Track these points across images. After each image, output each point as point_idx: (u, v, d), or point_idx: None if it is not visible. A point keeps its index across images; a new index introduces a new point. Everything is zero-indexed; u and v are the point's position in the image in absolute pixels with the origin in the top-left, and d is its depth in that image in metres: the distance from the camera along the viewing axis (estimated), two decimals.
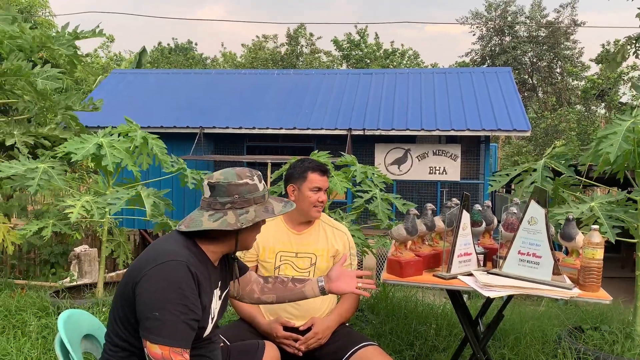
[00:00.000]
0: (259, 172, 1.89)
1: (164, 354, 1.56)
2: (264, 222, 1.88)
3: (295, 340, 2.35)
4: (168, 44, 31.20)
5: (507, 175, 3.78)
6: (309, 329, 2.46)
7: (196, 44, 32.10)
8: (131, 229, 10.43)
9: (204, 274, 1.74)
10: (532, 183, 3.45)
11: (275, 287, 2.10)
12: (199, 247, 1.79)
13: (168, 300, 1.60)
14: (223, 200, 1.78)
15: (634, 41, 5.20)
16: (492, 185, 3.86)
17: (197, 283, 1.68)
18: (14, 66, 4.48)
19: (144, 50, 18.10)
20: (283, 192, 2.69)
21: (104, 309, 3.76)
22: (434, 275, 2.44)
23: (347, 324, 2.64)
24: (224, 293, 1.97)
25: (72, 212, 3.73)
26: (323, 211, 3.04)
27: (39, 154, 4.36)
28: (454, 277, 2.38)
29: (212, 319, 1.85)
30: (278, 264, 2.51)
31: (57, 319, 1.80)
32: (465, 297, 4.82)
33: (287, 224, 2.58)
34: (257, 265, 2.56)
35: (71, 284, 4.85)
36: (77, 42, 5.07)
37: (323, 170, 2.54)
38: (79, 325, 1.89)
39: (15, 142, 4.85)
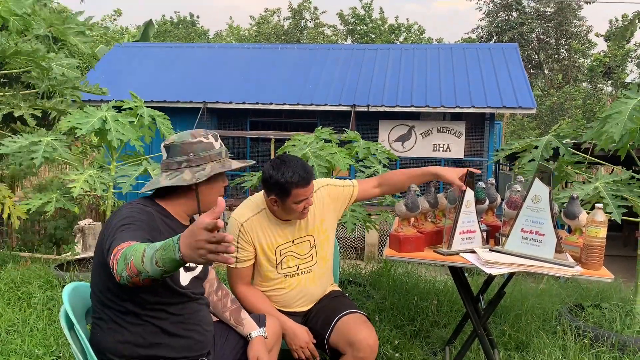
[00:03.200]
0: (216, 133, 1.94)
1: (113, 255, 1.50)
2: (224, 181, 1.91)
3: None
4: (171, 17, 30.91)
5: (510, 149, 3.76)
6: (310, 314, 2.47)
7: (198, 17, 31.77)
8: None
9: (166, 223, 1.81)
10: (530, 161, 3.43)
11: (215, 304, 2.14)
12: (159, 205, 1.86)
13: (117, 224, 1.66)
14: (179, 160, 1.84)
15: None
16: (494, 158, 3.86)
17: (152, 221, 1.75)
18: (31, 49, 4.43)
19: (150, 22, 17.66)
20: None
21: None
22: (434, 252, 2.45)
23: (347, 294, 2.65)
24: None
25: (74, 187, 3.73)
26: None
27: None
28: (455, 254, 2.38)
29: (186, 267, 1.86)
30: (279, 259, 2.38)
31: (62, 291, 1.82)
32: (470, 274, 4.85)
33: (275, 216, 2.37)
34: (253, 264, 2.40)
35: (75, 257, 4.89)
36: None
37: (307, 180, 2.22)
38: (84, 297, 1.91)
39: (22, 114, 4.88)
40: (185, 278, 1.85)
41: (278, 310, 2.39)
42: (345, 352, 2.19)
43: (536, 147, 3.50)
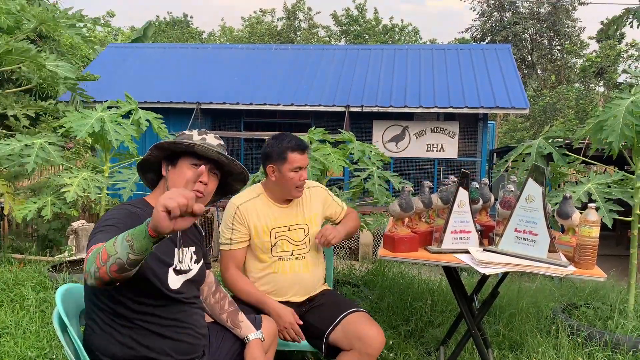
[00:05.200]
0: (206, 130, 1.95)
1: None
2: (194, 169, 1.83)
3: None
4: (164, 18, 30.85)
5: (506, 161, 3.81)
6: (305, 306, 2.49)
7: (191, 17, 31.75)
8: None
9: None
10: (526, 170, 3.48)
11: (212, 307, 2.13)
12: (149, 204, 1.87)
13: (99, 225, 1.68)
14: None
15: (632, 13, 5.03)
16: (493, 177, 3.94)
17: (135, 224, 1.70)
18: (22, 47, 4.40)
19: (150, 24, 17.61)
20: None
21: None
22: (424, 249, 2.47)
23: (339, 292, 2.68)
24: (198, 255, 1.99)
25: (68, 191, 3.72)
26: (318, 181, 3.06)
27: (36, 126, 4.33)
28: (444, 252, 2.39)
29: (177, 271, 1.84)
30: (274, 241, 2.47)
31: (55, 293, 1.81)
32: (465, 274, 4.86)
33: (272, 200, 2.52)
34: (248, 247, 2.49)
35: (69, 258, 4.86)
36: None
37: (303, 147, 2.44)
38: (77, 299, 1.90)
39: (16, 114, 4.87)
40: (175, 281, 1.84)
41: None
42: (353, 347, 2.24)
43: (529, 154, 3.54)
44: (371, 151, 3.96)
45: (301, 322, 2.39)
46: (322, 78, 11.57)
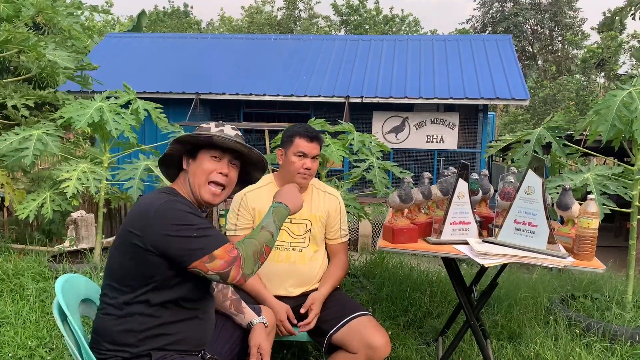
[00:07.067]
0: (223, 122, 1.96)
1: (221, 259, 1.69)
2: (213, 161, 1.88)
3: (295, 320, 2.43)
4: (164, 7, 30.72)
5: (503, 142, 3.79)
6: (303, 297, 2.50)
7: (192, 8, 31.60)
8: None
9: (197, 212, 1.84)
10: (524, 155, 3.45)
11: (215, 295, 2.14)
12: (175, 190, 1.90)
13: (188, 222, 1.72)
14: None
15: (635, 5, 4.99)
16: (487, 152, 3.91)
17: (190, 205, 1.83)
18: (20, 35, 4.38)
19: (143, 12, 17.58)
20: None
21: (101, 274, 3.79)
22: (423, 240, 2.47)
23: (340, 287, 2.68)
24: None
25: (68, 186, 3.72)
26: (320, 179, 3.05)
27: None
28: (443, 244, 2.40)
29: None
30: None
31: (55, 283, 1.81)
32: (464, 265, 4.87)
33: (280, 182, 2.56)
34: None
35: (69, 248, 4.86)
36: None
37: (311, 136, 2.47)
38: (77, 289, 1.90)
39: (15, 104, 4.85)
40: None
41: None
42: (358, 351, 2.24)
43: (528, 141, 3.52)
44: (371, 142, 3.95)
45: (295, 322, 2.40)
46: (322, 68, 11.54)
